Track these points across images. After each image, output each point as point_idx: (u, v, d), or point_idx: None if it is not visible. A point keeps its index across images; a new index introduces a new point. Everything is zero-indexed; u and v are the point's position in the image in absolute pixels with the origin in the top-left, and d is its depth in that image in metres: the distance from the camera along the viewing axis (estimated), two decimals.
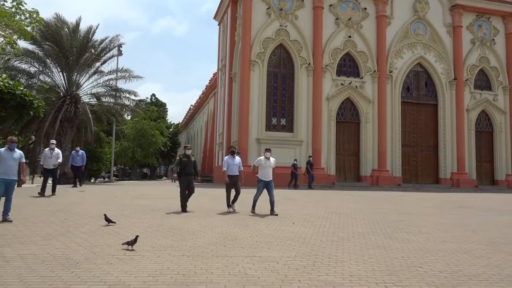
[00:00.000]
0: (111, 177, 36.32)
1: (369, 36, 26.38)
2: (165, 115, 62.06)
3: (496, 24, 29.08)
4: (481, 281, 4.87)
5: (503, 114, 28.47)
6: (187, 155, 10.28)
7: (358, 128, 25.93)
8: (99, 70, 28.10)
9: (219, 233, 7.50)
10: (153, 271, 4.92)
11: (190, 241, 6.73)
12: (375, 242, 7.13)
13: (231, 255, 5.81)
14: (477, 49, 28.46)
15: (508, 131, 28.36)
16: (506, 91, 28.63)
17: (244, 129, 23.99)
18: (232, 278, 4.71)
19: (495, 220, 10.59)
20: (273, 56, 25.28)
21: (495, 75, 28.64)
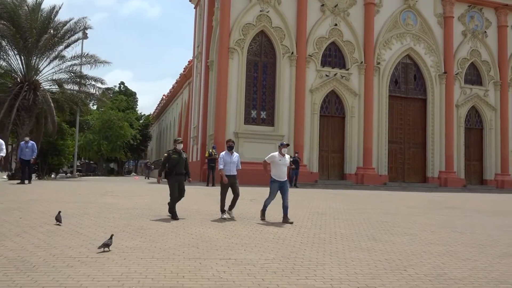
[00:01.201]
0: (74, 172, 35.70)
1: (356, 25, 26.62)
2: (135, 105, 61.29)
3: (488, 16, 29.80)
4: (466, 285, 5.02)
5: (494, 111, 29.27)
6: (177, 151, 9.27)
7: (343, 123, 26.21)
8: (62, 54, 27.52)
9: (192, 234, 7.48)
10: (118, 274, 4.87)
11: (160, 242, 6.68)
12: (358, 244, 7.25)
13: (204, 258, 5.81)
14: (468, 42, 29.12)
15: (498, 129, 29.19)
16: (497, 87, 29.43)
17: (221, 122, 23.91)
18: (205, 282, 4.71)
19: (483, 221, 10.91)
20: (253, 43, 25.23)
21: (486, 69, 29.38)
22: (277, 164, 9.26)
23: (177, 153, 9.24)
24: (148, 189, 17.52)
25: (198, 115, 29.07)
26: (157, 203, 11.62)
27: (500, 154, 29.03)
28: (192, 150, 30.86)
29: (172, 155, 9.22)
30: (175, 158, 9.17)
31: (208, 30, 27.83)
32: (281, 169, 9.28)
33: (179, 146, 9.35)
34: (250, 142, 24.03)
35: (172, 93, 51.52)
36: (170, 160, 9.18)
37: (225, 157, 9.50)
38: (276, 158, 9.29)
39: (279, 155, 9.34)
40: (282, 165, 9.29)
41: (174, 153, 9.25)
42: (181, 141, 9.55)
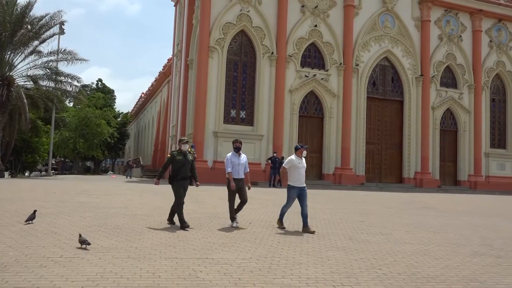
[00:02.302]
0: (49, 171, 34.97)
1: (336, 26, 26.88)
2: (112, 103, 60.34)
3: (463, 21, 30.51)
4: (439, 283, 5.14)
5: (468, 113, 29.99)
6: (183, 152, 8.32)
7: (322, 123, 26.43)
8: (37, 50, 26.92)
9: (169, 233, 7.44)
10: (93, 274, 4.80)
11: (136, 242, 6.62)
12: (335, 243, 7.33)
13: (181, 257, 5.78)
14: (444, 45, 29.75)
15: (472, 131, 29.92)
16: (471, 90, 30.16)
17: (201, 121, 23.81)
18: (182, 282, 4.69)
19: (456, 221, 11.18)
20: (233, 43, 25.21)
21: (461, 73, 30.08)
22: (296, 168, 8.45)
23: (182, 155, 8.27)
24: (126, 188, 17.32)
25: (177, 114, 28.86)
26: (135, 202, 11.52)
27: (474, 156, 29.76)
28: (171, 149, 30.61)
29: (176, 156, 8.23)
30: (180, 160, 8.19)
31: (188, 29, 27.66)
32: (301, 173, 8.51)
33: (185, 147, 8.38)
34: (230, 142, 23.85)
35: (151, 91, 51.01)
36: (175, 162, 8.21)
37: (232, 158, 8.56)
38: (295, 162, 8.48)
39: (297, 157, 8.54)
40: (302, 168, 8.54)
41: (179, 154, 8.28)
42: (187, 141, 8.54)
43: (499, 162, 30.77)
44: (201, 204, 11.55)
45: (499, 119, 31.58)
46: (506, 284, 5.25)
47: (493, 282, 5.31)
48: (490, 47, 31.09)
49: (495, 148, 30.97)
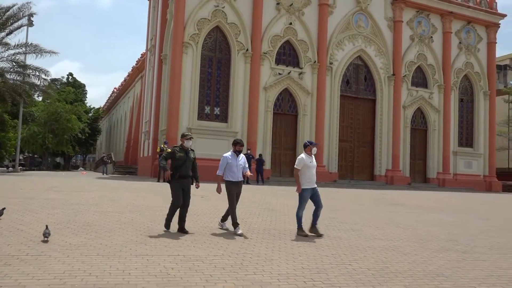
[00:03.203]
0: (16, 167, 33.96)
1: (311, 25, 27.07)
2: (84, 97, 59.10)
3: (434, 22, 31.25)
4: (406, 278, 5.28)
5: (437, 113, 30.78)
6: (185, 148, 7.56)
7: (296, 120, 26.62)
8: (4, 41, 26.03)
9: (140, 230, 7.36)
10: (60, 272, 4.70)
11: (106, 239, 6.52)
12: (307, 239, 7.41)
13: (152, 254, 5.73)
14: (415, 46, 30.41)
15: (441, 130, 30.73)
16: (441, 90, 30.96)
17: (174, 117, 23.59)
18: (152, 279, 4.65)
19: (424, 218, 11.47)
20: (208, 38, 25.06)
21: (432, 73, 30.83)
22: (307, 167, 7.84)
23: (184, 151, 7.51)
24: (96, 184, 17.00)
25: (150, 110, 28.52)
26: (105, 198, 11.33)
27: (442, 154, 30.59)
28: (144, 145, 30.24)
29: (178, 153, 7.45)
30: (181, 157, 7.43)
31: (162, 23, 27.33)
32: (312, 173, 7.91)
33: (188, 143, 7.58)
34: (203, 138, 23.87)
35: (123, 86, 50.21)
36: (175, 159, 7.45)
37: (230, 159, 7.76)
38: (306, 161, 7.84)
39: (307, 156, 7.92)
40: (312, 168, 7.95)
41: (180, 150, 7.51)
42: (190, 137, 7.66)
43: (466, 160, 31.74)
44: None
45: (466, 118, 32.55)
46: (470, 278, 5.42)
47: (458, 277, 5.48)
48: (459, 49, 31.96)
49: (463, 147, 31.93)
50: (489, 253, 7.12)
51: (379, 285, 4.90)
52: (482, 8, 32.63)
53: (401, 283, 5.03)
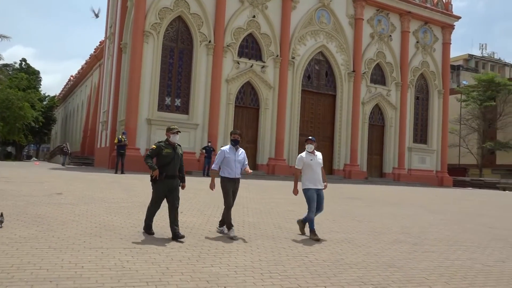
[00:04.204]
0: None
1: (274, 19, 27.14)
2: (38, 85, 56.63)
3: (393, 21, 32.12)
4: (359, 269, 5.43)
5: (394, 110, 31.75)
6: (171, 143, 6.59)
7: (257, 114, 26.70)
8: None
9: (95, 222, 7.17)
10: (8, 266, 4.51)
11: (58, 231, 6.31)
12: (265, 232, 7.48)
13: (107, 247, 5.60)
14: (375, 44, 31.16)
15: (397, 126, 31.74)
16: (398, 87, 31.93)
17: (134, 107, 23.09)
18: (106, 272, 4.55)
19: (379, 211, 11.84)
20: (170, 28, 24.62)
21: (390, 70, 31.72)
22: (308, 165, 7.30)
23: (171, 147, 6.54)
24: (50, 175, 16.42)
25: (109, 99, 27.76)
26: (59, 190, 10.95)
27: (398, 150, 31.63)
28: (101, 135, 29.43)
29: (164, 149, 6.47)
30: (168, 153, 6.46)
31: (122, 11, 26.58)
32: (315, 171, 7.32)
33: (175, 138, 6.58)
34: (163, 130, 23.47)
35: (80, 75, 48.62)
36: (161, 156, 6.47)
37: (228, 153, 7.06)
38: (306, 159, 7.32)
39: (308, 154, 7.39)
40: (316, 166, 7.33)
41: (167, 146, 6.52)
42: (178, 131, 6.66)
43: (420, 156, 32.99)
44: (132, 193, 11.26)
45: (421, 116, 33.76)
46: (420, 269, 5.65)
47: (409, 267, 5.70)
48: (416, 48, 33.02)
49: (417, 143, 33.15)
50: (438, 245, 7.44)
51: (334, 276, 5.02)
52: (439, 9, 33.83)
53: (355, 274, 5.17)
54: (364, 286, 4.74)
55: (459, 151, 47.47)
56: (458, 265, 6.06)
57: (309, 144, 7.39)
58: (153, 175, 6.40)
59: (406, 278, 5.17)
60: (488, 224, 10.55)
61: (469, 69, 61.24)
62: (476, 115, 46.63)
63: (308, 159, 7.31)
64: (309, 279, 4.85)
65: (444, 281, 5.17)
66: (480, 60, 65.84)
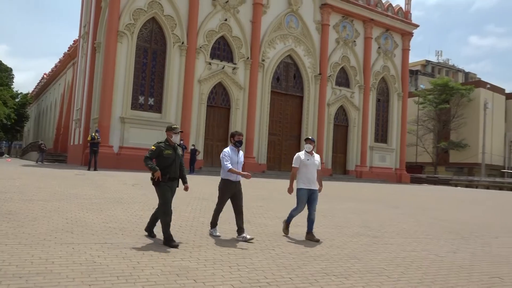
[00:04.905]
0: None
1: (245, 23, 27.14)
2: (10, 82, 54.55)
3: (357, 27, 32.70)
4: (323, 261, 5.50)
5: (358, 111, 32.35)
6: (171, 144, 6.00)
7: (228, 114, 26.65)
8: None
9: (67, 218, 6.96)
10: None
11: (29, 227, 6.09)
12: (234, 227, 7.44)
13: (78, 243, 5.45)
14: (340, 48, 31.64)
15: (360, 126, 32.37)
16: (361, 90, 32.54)
17: (107, 106, 22.58)
18: (77, 267, 4.42)
19: (342, 206, 12.03)
20: (144, 29, 24.21)
21: (354, 74, 32.29)
22: (304, 165, 6.97)
23: (172, 148, 5.95)
24: (22, 171, 15.85)
25: (82, 97, 27.04)
26: (31, 186, 10.60)
27: (360, 149, 32.25)
28: (74, 133, 28.65)
29: (164, 150, 5.86)
30: (170, 155, 5.88)
31: (96, 10, 25.91)
32: (311, 171, 6.99)
33: (176, 138, 6.03)
34: (137, 128, 23.16)
35: (54, 73, 47.13)
36: (162, 158, 5.86)
37: (231, 155, 6.58)
38: (303, 159, 6.99)
39: (306, 153, 7.06)
40: (312, 166, 7.00)
41: (167, 147, 5.93)
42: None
43: (380, 154, 33.75)
44: (104, 190, 11.01)
45: (382, 117, 34.54)
46: (379, 260, 5.77)
47: (369, 259, 5.82)
48: (378, 53, 33.74)
49: (378, 142, 33.90)
50: (396, 237, 7.63)
51: (299, 268, 5.06)
52: (399, 18, 34.66)
53: (319, 266, 5.23)
54: (327, 277, 4.80)
55: (416, 150, 48.94)
56: (413, 256, 6.23)
57: (308, 144, 7.06)
58: (155, 177, 5.77)
59: (366, 269, 5.27)
60: (441, 218, 10.91)
61: (426, 74, 63.13)
62: (431, 116, 48.15)
63: (305, 159, 6.99)
64: (275, 271, 4.87)
65: (401, 271, 5.31)
66: (436, 66, 67.98)
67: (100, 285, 3.95)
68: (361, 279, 4.81)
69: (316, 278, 4.70)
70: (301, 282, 4.53)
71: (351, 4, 31.61)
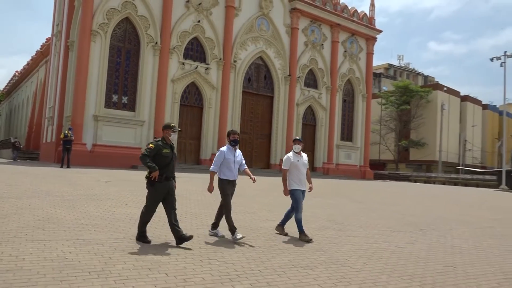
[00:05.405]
0: None
1: (218, 24, 26.99)
2: None
3: (325, 32, 33.11)
4: (291, 253, 5.56)
5: (325, 111, 32.80)
6: (168, 143, 5.69)
7: (201, 113, 26.46)
8: None
9: (38, 215, 6.74)
10: None
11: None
12: (205, 221, 7.43)
13: (49, 239, 5.29)
14: (309, 51, 31.96)
15: (327, 126, 32.83)
16: (328, 91, 33.00)
17: (80, 104, 21.97)
18: (48, 264, 4.30)
19: (309, 201, 12.11)
20: (117, 29, 23.67)
21: (321, 76, 32.69)
22: (295, 166, 6.78)
23: (169, 147, 5.64)
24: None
25: (55, 95, 26.20)
26: (2, 184, 10.20)
27: (327, 147, 32.72)
28: (47, 130, 27.74)
29: (163, 149, 5.53)
30: (167, 154, 5.56)
31: (69, 9, 25.15)
32: (301, 172, 6.82)
33: (174, 136, 5.76)
34: (110, 126, 22.67)
35: (26, 70, 45.46)
36: (160, 156, 5.51)
37: (227, 154, 6.29)
38: (293, 160, 6.79)
39: (294, 154, 6.88)
40: (301, 166, 6.84)
41: (165, 145, 5.59)
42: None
43: (346, 152, 34.35)
44: (76, 187, 10.72)
45: (348, 117, 35.15)
46: (343, 252, 5.89)
47: (334, 251, 5.92)
48: (344, 56, 34.28)
49: (344, 141, 34.48)
50: (359, 230, 7.79)
51: (268, 261, 5.10)
52: (364, 23, 35.32)
53: (286, 258, 5.29)
54: (294, 268, 4.86)
55: (379, 148, 50.15)
56: (375, 247, 6.38)
57: (296, 145, 6.88)
58: (152, 177, 5.42)
59: (331, 260, 5.36)
60: (401, 212, 11.22)
61: (388, 77, 64.70)
62: (393, 117, 49.45)
63: (295, 160, 6.80)
64: (245, 263, 4.89)
65: (363, 261, 5.43)
66: (398, 69, 69.77)
67: (72, 280, 3.85)
68: (326, 270, 4.89)
69: (284, 270, 4.75)
70: (269, 274, 4.57)
71: (319, 9, 31.97)
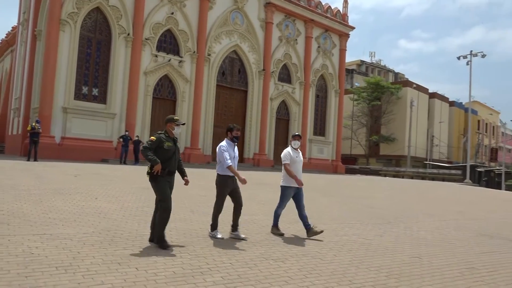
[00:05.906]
0: None
1: (192, 17, 26.64)
2: None
3: (299, 27, 33.26)
4: (262, 246, 5.60)
5: (298, 106, 33.03)
6: (171, 136, 5.47)
7: (174, 106, 26.13)
8: None
9: (3, 210, 6.52)
10: None
11: None
12: (178, 216, 7.38)
13: (15, 234, 5.13)
14: (283, 46, 32.04)
15: (300, 120, 33.10)
16: (302, 86, 33.24)
17: (48, 95, 21.27)
18: (13, 259, 4.17)
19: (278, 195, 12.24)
20: (88, 19, 22.99)
21: (295, 71, 32.88)
22: (293, 162, 6.68)
23: (172, 141, 5.43)
24: None
25: (22, 86, 25.27)
26: None
27: (301, 141, 32.93)
28: (13, 122, 26.76)
29: (165, 142, 5.31)
30: (170, 147, 5.34)
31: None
32: (298, 168, 6.75)
33: (178, 130, 5.51)
34: (80, 118, 22.08)
35: None
36: (163, 149, 5.29)
37: (229, 149, 6.10)
38: (292, 156, 6.69)
39: (293, 150, 6.77)
40: (299, 163, 6.78)
41: (167, 139, 5.37)
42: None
43: (319, 147, 34.78)
44: (44, 180, 10.41)
45: (321, 112, 35.55)
46: (314, 244, 5.99)
47: (305, 243, 6.01)
48: (318, 52, 34.57)
49: (317, 135, 34.88)
50: (330, 223, 7.93)
51: (239, 254, 5.12)
52: (337, 19, 35.69)
53: (258, 251, 5.32)
54: (265, 261, 4.90)
55: (351, 143, 51.04)
56: (345, 239, 6.52)
57: (295, 141, 6.76)
58: (155, 171, 5.20)
59: (302, 253, 5.44)
60: (371, 205, 11.48)
61: (360, 73, 65.80)
62: (365, 112, 50.38)
63: (294, 156, 6.70)
64: (216, 257, 4.90)
65: (333, 254, 5.54)
66: (370, 66, 71.03)
67: (38, 276, 3.75)
68: (297, 262, 4.96)
69: (255, 263, 4.79)
70: (241, 266, 4.59)
71: (293, 4, 32.06)
